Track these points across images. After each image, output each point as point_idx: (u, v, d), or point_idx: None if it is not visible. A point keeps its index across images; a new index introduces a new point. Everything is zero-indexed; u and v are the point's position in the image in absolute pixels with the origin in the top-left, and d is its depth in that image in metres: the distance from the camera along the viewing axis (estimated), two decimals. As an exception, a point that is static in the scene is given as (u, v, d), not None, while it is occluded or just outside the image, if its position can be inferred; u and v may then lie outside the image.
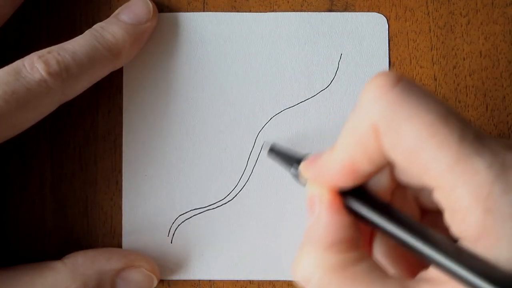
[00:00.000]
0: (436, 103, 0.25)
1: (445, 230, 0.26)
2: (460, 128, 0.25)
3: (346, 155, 0.27)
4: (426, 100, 0.26)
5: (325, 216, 0.28)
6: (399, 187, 0.30)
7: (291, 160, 0.32)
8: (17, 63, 0.32)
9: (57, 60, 0.33)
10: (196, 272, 0.37)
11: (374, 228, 0.28)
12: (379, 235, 0.30)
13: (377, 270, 0.27)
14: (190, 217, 0.37)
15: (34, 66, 0.32)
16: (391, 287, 0.27)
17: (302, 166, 0.31)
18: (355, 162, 0.27)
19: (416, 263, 0.30)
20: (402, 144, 0.25)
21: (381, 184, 0.29)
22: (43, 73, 0.32)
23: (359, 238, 0.29)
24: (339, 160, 0.28)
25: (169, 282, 0.37)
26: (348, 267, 0.27)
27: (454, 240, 0.26)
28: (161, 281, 0.37)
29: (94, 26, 0.35)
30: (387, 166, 0.28)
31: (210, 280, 0.37)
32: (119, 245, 0.37)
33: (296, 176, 0.32)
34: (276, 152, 0.35)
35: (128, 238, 0.37)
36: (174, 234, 0.37)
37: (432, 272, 0.26)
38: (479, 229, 0.24)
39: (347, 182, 0.28)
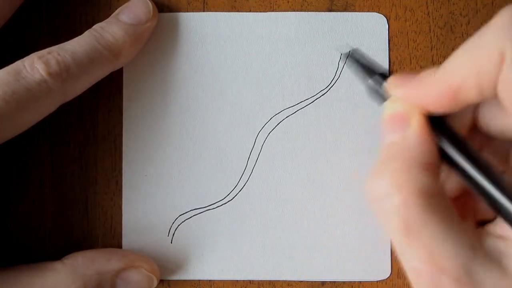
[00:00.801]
0: None
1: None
2: None
3: (456, 77, 0.26)
4: None
5: (419, 134, 0.27)
6: (474, 130, 0.29)
7: (375, 70, 0.30)
8: (17, 64, 0.32)
9: (57, 60, 0.32)
10: (196, 272, 0.37)
11: (449, 163, 0.27)
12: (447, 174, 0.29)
13: (454, 209, 0.26)
14: (190, 217, 0.37)
15: (34, 66, 0.32)
16: (468, 232, 0.25)
17: (391, 80, 0.29)
18: (463, 86, 0.26)
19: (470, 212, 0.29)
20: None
21: (461, 120, 0.28)
22: (43, 73, 0.32)
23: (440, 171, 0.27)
24: (446, 82, 0.26)
25: (169, 282, 0.37)
26: (435, 196, 0.25)
27: None
28: (161, 281, 0.37)
29: (94, 26, 0.35)
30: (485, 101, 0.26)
31: (210, 280, 0.37)
32: (119, 245, 0.37)
33: (375, 90, 0.30)
34: (356, 59, 0.32)
35: (128, 238, 0.37)
36: (174, 234, 0.37)
37: (503, 228, 0.26)
38: None
39: (442, 106, 0.27)
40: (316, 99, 0.37)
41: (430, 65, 0.37)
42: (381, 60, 0.37)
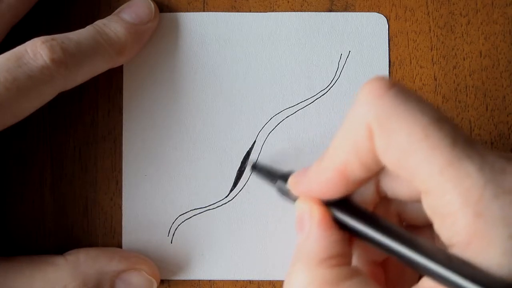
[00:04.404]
0: (429, 107, 0.26)
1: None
2: (452, 133, 0.25)
3: (338, 160, 0.27)
4: (420, 104, 0.26)
5: (316, 232, 0.28)
6: (382, 201, 0.30)
7: (276, 175, 0.32)
8: (19, 49, 0.32)
9: (62, 47, 0.32)
10: (196, 272, 0.37)
11: (363, 239, 0.28)
12: (360, 250, 0.30)
13: (370, 285, 0.27)
14: (190, 217, 0.37)
15: (37, 51, 0.31)
16: None
17: (291, 179, 0.30)
18: (347, 166, 0.27)
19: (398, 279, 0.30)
20: (395, 145, 0.25)
21: (365, 197, 0.29)
22: (47, 59, 0.31)
23: (350, 253, 0.29)
24: (331, 167, 0.27)
25: (169, 282, 0.37)
26: (340, 283, 0.27)
27: (444, 249, 0.26)
28: (161, 281, 0.37)
29: (96, 22, 0.35)
30: (375, 176, 0.28)
31: (210, 280, 0.37)
32: (119, 245, 0.37)
33: (283, 192, 0.31)
34: (259, 169, 0.35)
35: (128, 238, 0.37)
36: (174, 234, 0.37)
37: (424, 283, 0.26)
38: (469, 233, 0.24)
39: (337, 190, 0.28)
40: (316, 99, 0.37)
41: (430, 65, 0.37)
42: (381, 60, 0.37)
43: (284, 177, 0.31)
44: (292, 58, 0.37)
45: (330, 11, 0.38)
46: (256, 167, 0.35)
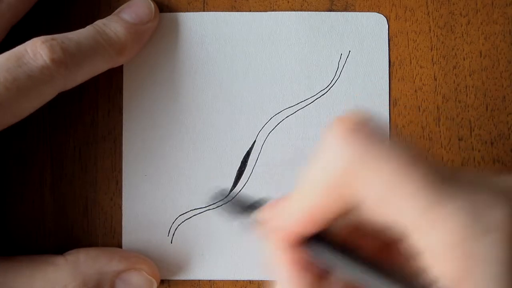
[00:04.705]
0: (403, 147, 0.25)
1: (406, 260, 0.26)
2: (430, 172, 0.24)
3: (309, 203, 0.26)
4: (393, 145, 0.25)
5: (286, 275, 0.27)
6: (361, 225, 0.29)
7: (245, 208, 0.31)
8: (19, 49, 0.32)
9: (62, 47, 0.32)
10: (196, 272, 0.37)
11: (339, 273, 0.27)
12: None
13: None
14: (190, 217, 0.37)
15: (37, 51, 0.31)
16: None
17: (259, 214, 0.29)
18: (318, 209, 0.26)
19: None
20: (371, 191, 0.24)
21: (340, 226, 0.28)
22: (47, 59, 0.31)
23: None
24: (304, 207, 0.26)
25: (169, 282, 0.37)
26: None
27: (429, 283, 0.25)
28: (161, 281, 0.37)
29: (96, 22, 0.35)
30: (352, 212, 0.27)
31: (210, 280, 0.37)
32: (119, 245, 0.37)
33: (251, 226, 0.30)
34: (232, 207, 0.33)
35: (128, 238, 0.37)
36: (174, 234, 0.37)
37: None
38: (455, 274, 0.23)
39: (309, 229, 0.27)
40: (316, 99, 0.37)
41: (430, 65, 0.37)
42: (381, 60, 0.37)
43: (252, 208, 0.30)
44: (292, 58, 0.37)
45: (330, 11, 0.38)
46: (227, 208, 0.33)
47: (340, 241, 0.28)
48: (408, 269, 0.26)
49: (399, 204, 0.24)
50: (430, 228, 0.24)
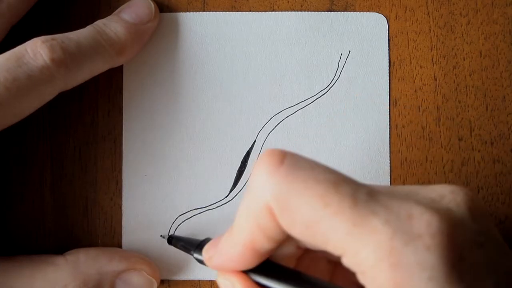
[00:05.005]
0: (324, 173, 0.25)
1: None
2: (351, 192, 0.25)
3: (245, 237, 0.27)
4: (314, 171, 0.25)
5: None
6: (307, 251, 0.29)
7: (192, 247, 0.32)
8: (19, 49, 0.32)
9: (62, 47, 0.32)
10: (196, 272, 0.37)
11: None
12: None
13: None
14: (190, 217, 0.37)
15: (37, 51, 0.31)
16: None
17: (203, 253, 0.30)
18: (254, 242, 0.27)
19: None
20: (298, 219, 0.25)
21: (287, 253, 0.29)
22: (47, 59, 0.31)
23: None
24: (239, 242, 0.27)
25: (169, 282, 0.37)
26: None
27: None
28: (161, 281, 0.37)
29: (96, 22, 0.35)
30: (288, 239, 0.27)
31: (210, 280, 0.37)
32: (119, 245, 0.37)
33: (201, 262, 0.31)
34: (176, 240, 0.35)
35: (128, 238, 0.37)
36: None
37: None
38: (391, 285, 0.24)
39: (250, 262, 0.28)
40: (316, 99, 0.37)
41: (430, 65, 0.37)
42: (381, 60, 0.37)
43: (200, 247, 0.31)
44: (292, 58, 0.37)
45: (330, 11, 0.38)
46: (171, 240, 0.35)
47: (287, 268, 0.28)
48: None
49: (327, 225, 0.25)
50: (358, 244, 0.24)
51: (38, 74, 0.31)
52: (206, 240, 0.31)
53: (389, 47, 0.37)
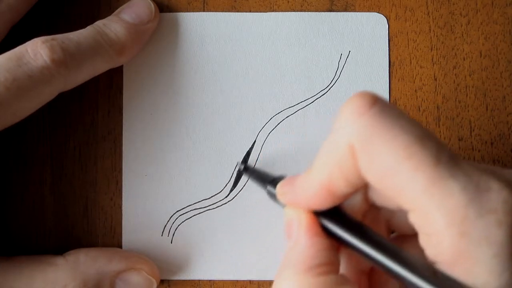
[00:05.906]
0: (412, 125, 0.25)
1: (417, 254, 0.26)
2: (436, 150, 0.25)
3: (323, 176, 0.27)
4: (402, 121, 0.25)
5: (304, 239, 0.28)
6: (371, 208, 0.30)
7: (267, 180, 0.32)
8: (20, 49, 0.32)
9: (62, 47, 0.32)
10: (196, 272, 0.37)
11: (350, 248, 0.28)
12: (347, 257, 0.30)
13: None
14: (190, 217, 0.37)
15: (38, 51, 0.32)
16: None
17: (278, 188, 0.30)
18: (332, 183, 0.27)
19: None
20: (378, 165, 0.25)
21: (354, 206, 0.29)
22: (47, 59, 0.31)
23: (338, 262, 0.28)
24: (317, 182, 0.27)
25: (169, 282, 0.37)
26: None
27: (430, 263, 0.26)
28: (161, 281, 0.37)
29: (96, 22, 0.35)
30: (363, 187, 0.28)
31: (210, 280, 0.37)
32: (119, 245, 0.37)
33: (273, 196, 0.31)
34: (251, 171, 0.35)
35: (128, 237, 0.37)
36: (174, 234, 0.37)
37: None
38: (454, 253, 0.24)
39: (323, 203, 0.28)
40: (316, 99, 0.37)
41: (430, 65, 0.37)
42: (381, 60, 0.37)
43: (274, 182, 0.31)
44: (292, 58, 0.37)
45: (330, 11, 0.38)
46: (247, 170, 0.35)
47: (354, 219, 0.28)
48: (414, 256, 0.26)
49: (404, 177, 0.25)
50: (432, 204, 0.24)
51: (38, 74, 0.31)
52: (281, 177, 0.31)
53: (389, 47, 0.37)
